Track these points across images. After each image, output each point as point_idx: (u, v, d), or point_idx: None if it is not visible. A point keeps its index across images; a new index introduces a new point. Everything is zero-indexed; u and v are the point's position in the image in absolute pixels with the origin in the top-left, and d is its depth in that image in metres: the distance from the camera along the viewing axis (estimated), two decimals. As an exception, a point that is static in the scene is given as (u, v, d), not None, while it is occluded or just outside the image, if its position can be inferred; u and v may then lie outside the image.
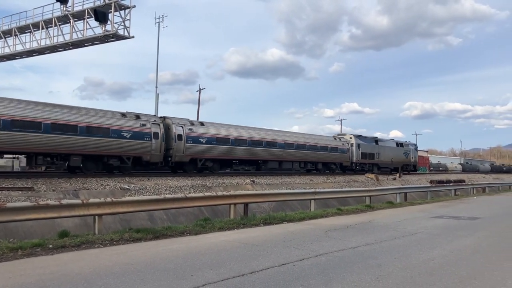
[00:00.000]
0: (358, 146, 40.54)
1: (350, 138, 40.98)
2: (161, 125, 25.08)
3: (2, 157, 24.33)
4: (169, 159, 25.26)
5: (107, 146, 22.10)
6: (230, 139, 28.58)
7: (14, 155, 25.66)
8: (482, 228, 12.30)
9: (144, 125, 24.07)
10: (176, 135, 25.50)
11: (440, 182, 31.96)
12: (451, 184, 31.51)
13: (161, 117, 26.34)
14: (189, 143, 26.01)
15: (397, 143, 47.91)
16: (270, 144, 31.19)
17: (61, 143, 20.19)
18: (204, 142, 26.80)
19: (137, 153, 23.53)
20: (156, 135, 24.31)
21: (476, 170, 70.98)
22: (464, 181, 36.38)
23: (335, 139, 39.81)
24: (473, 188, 33.05)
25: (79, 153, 21.17)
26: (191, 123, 27.23)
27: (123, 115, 23.87)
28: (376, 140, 43.96)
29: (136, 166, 24.16)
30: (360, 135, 43.17)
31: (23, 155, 22.44)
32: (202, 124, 28.09)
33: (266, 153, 31.01)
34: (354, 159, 39.96)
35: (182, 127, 26.12)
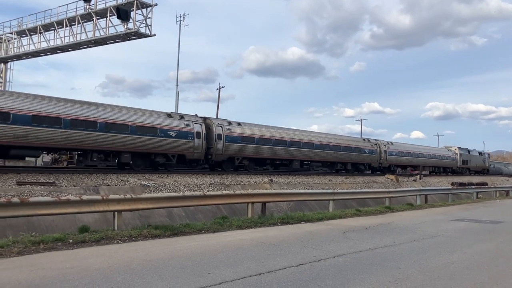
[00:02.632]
0: (460, 155, 54.87)
1: (455, 149, 55.64)
2: (377, 145, 40.81)
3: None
4: (380, 165, 40.74)
5: (358, 157, 37.83)
6: (410, 152, 45.46)
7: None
8: (505, 232, 12.05)
9: (371, 145, 39.99)
10: (383, 151, 41.07)
11: (462, 184, 31.38)
12: (473, 186, 30.91)
13: (375, 139, 42.03)
14: (389, 155, 41.83)
15: (479, 152, 62.15)
16: (420, 155, 46.95)
17: (337, 156, 35.52)
18: (394, 154, 43.04)
19: (370, 161, 39.53)
20: (376, 151, 40.00)
21: (499, 173, 69.34)
22: (486, 183, 35.66)
23: (449, 150, 55.19)
24: (496, 191, 32.30)
25: (344, 162, 36.73)
26: (388, 142, 42.88)
27: (364, 139, 41.17)
28: (468, 150, 58.29)
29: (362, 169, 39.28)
30: (460, 147, 56.81)
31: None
32: (391, 143, 43.57)
33: (416, 161, 46.02)
34: (458, 164, 54.48)
35: (385, 145, 41.77)
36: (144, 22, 28.16)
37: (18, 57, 36.20)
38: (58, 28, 31.76)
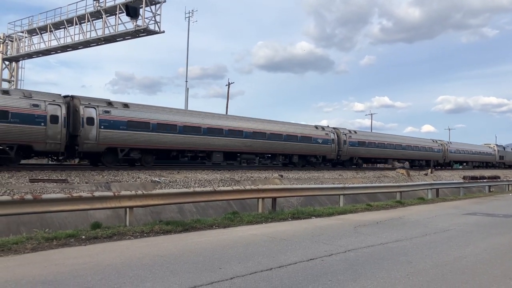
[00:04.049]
0: (498, 151, 62.40)
1: (494, 146, 63.47)
2: (442, 144, 47.34)
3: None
4: (444, 161, 48.16)
5: (430, 155, 45.07)
6: (464, 150, 52.60)
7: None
8: (517, 226, 11.92)
9: (438, 145, 47.16)
10: (446, 149, 48.29)
11: (474, 178, 31.11)
12: (485, 180, 30.63)
13: (439, 140, 49.04)
14: (450, 153, 48.80)
15: (511, 148, 69.79)
16: (470, 152, 54.39)
17: (417, 154, 43.35)
18: (453, 152, 49.83)
19: (437, 158, 46.74)
20: (441, 150, 47.16)
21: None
22: (499, 177, 35.30)
23: (489, 147, 62.11)
24: (508, 184, 31.93)
25: (421, 159, 44.10)
26: (448, 142, 50.37)
27: (432, 140, 47.06)
28: (503, 147, 66.54)
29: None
30: (497, 144, 65.43)
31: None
32: (451, 143, 51.26)
33: (468, 157, 54.20)
34: (496, 159, 61.97)
35: (447, 144, 48.94)
36: (153, 19, 28.24)
37: (29, 55, 36.53)
38: (68, 26, 31.96)
